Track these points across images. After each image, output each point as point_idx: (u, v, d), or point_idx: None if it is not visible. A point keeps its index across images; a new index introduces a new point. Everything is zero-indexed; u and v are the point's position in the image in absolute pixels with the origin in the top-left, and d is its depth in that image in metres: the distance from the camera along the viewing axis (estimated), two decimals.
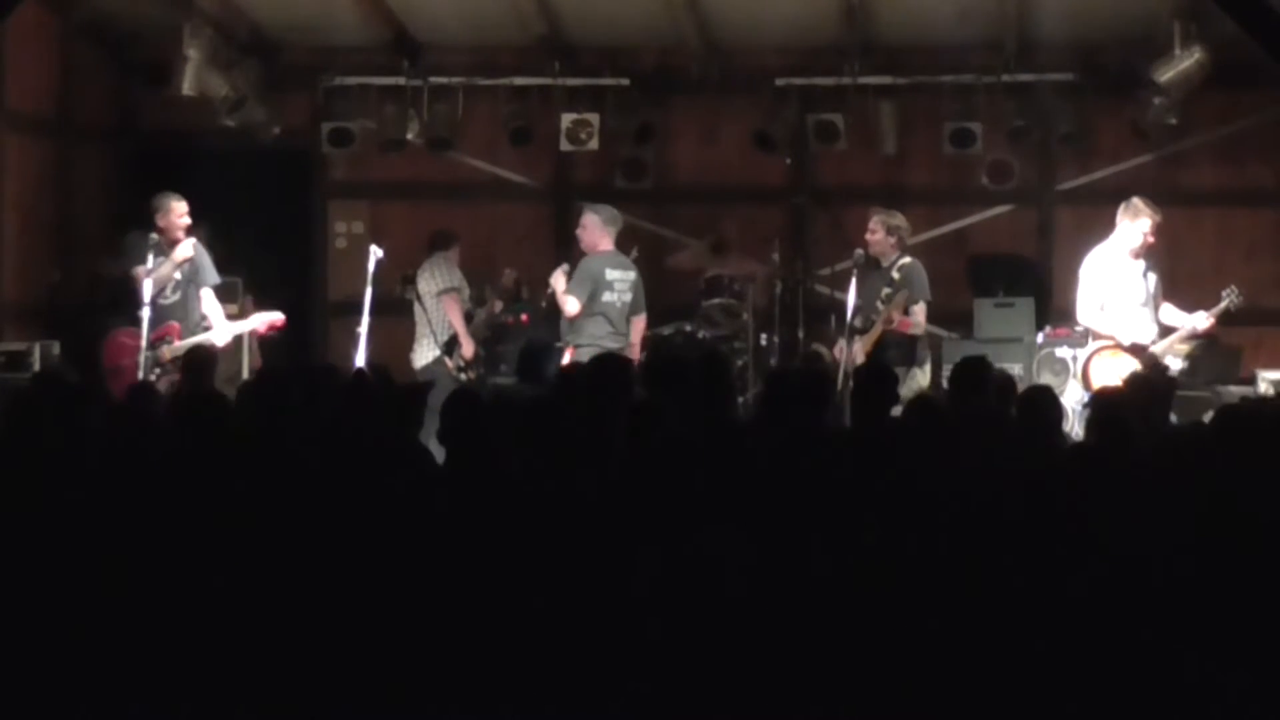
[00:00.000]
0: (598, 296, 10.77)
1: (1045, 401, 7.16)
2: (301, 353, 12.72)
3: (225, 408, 6.70)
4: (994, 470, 5.94)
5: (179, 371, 10.11)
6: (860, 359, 10.44)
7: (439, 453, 6.30)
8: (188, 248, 10.71)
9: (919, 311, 10.66)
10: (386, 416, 6.74)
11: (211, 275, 10.93)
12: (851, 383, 7.80)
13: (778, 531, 5.15)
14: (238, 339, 11.32)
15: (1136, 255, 10.52)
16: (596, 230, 10.99)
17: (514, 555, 5.08)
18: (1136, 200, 10.64)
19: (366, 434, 6.59)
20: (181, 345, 10.41)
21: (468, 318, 11.76)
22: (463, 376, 11.32)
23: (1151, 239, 10.50)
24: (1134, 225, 10.50)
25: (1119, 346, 10.36)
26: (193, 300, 10.79)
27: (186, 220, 10.77)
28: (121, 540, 5.35)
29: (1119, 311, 10.48)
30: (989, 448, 6.31)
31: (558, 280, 10.83)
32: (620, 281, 10.91)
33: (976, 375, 7.76)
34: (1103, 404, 6.83)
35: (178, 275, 10.63)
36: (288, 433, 6.54)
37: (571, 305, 10.74)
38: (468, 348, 11.55)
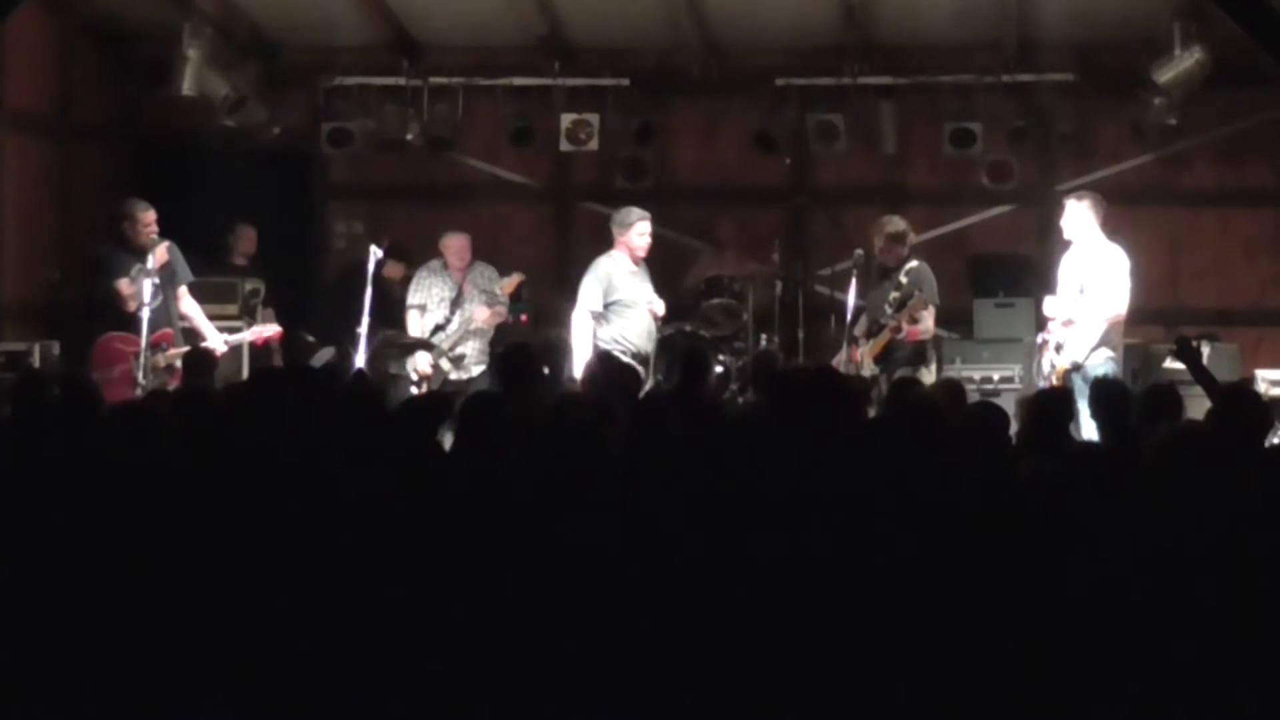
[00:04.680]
0: None
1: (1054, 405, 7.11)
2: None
3: (224, 408, 6.72)
4: (993, 471, 5.94)
5: (175, 376, 10.11)
6: (868, 364, 10.48)
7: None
8: (163, 251, 10.65)
9: (927, 315, 10.69)
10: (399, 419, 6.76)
11: (186, 274, 10.88)
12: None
13: (787, 531, 5.15)
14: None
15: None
16: None
17: (520, 554, 5.08)
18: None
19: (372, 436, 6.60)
20: (176, 352, 10.39)
21: (437, 329, 11.56)
22: (413, 388, 11.20)
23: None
24: None
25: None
26: (171, 301, 10.74)
27: (154, 228, 10.67)
28: (122, 542, 5.35)
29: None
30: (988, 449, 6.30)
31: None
32: None
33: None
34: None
35: (157, 279, 10.54)
36: (283, 433, 6.54)
37: None
38: (420, 362, 11.40)
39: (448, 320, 11.48)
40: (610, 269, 10.92)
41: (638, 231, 10.90)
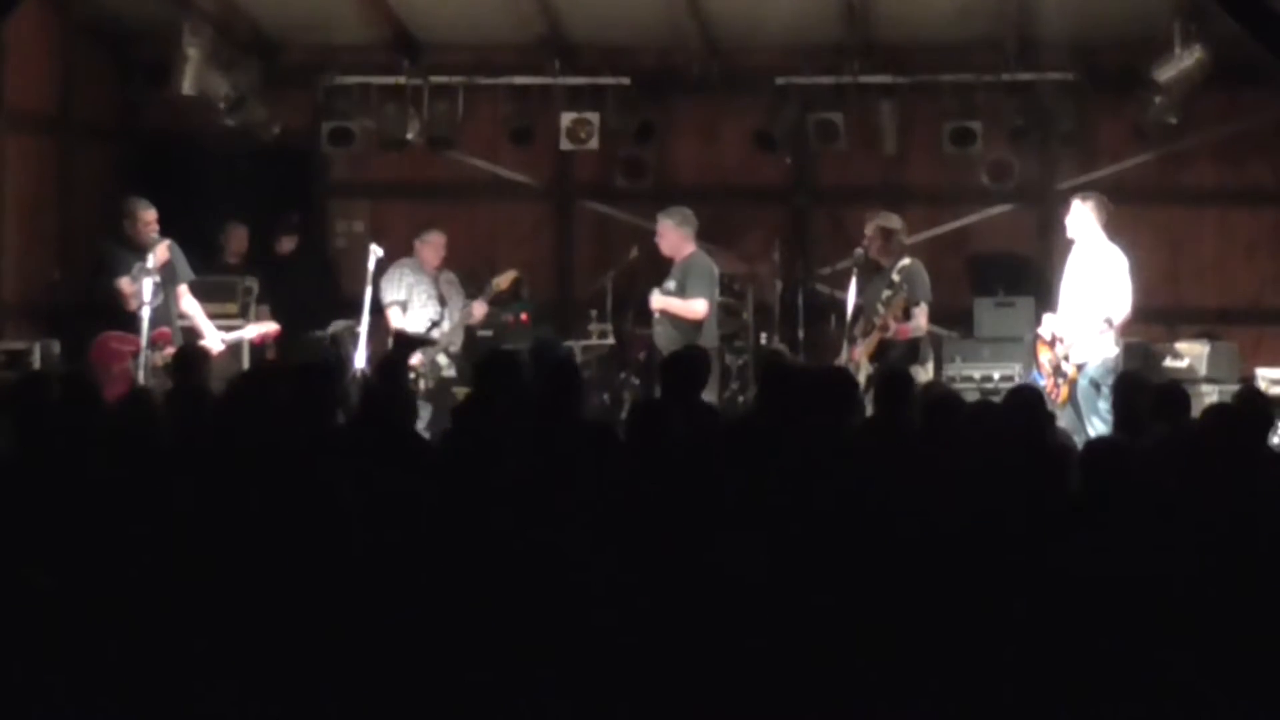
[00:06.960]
0: (714, 294, 10.99)
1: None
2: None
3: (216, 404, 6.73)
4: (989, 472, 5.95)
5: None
6: (864, 363, 10.48)
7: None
8: (164, 250, 10.63)
9: (920, 313, 10.67)
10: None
11: (186, 272, 10.87)
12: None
13: (786, 536, 5.16)
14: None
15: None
16: (677, 234, 11.02)
17: (513, 559, 5.08)
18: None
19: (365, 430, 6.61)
20: (174, 351, 10.37)
21: (433, 325, 11.57)
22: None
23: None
24: None
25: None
26: (171, 300, 10.74)
27: (155, 227, 10.65)
28: (118, 538, 5.36)
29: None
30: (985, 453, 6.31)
31: (668, 300, 10.87)
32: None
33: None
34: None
35: (157, 278, 10.53)
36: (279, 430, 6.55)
37: (702, 305, 10.85)
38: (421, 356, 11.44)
39: (441, 316, 11.51)
40: None
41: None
